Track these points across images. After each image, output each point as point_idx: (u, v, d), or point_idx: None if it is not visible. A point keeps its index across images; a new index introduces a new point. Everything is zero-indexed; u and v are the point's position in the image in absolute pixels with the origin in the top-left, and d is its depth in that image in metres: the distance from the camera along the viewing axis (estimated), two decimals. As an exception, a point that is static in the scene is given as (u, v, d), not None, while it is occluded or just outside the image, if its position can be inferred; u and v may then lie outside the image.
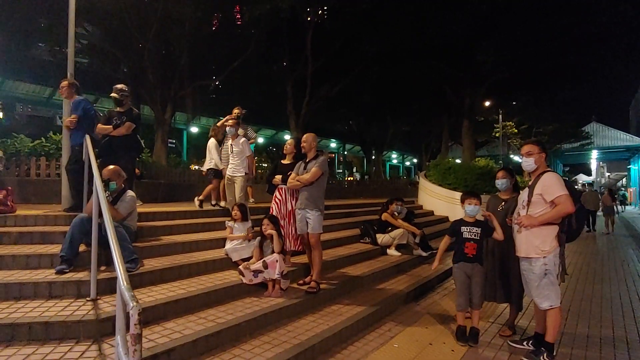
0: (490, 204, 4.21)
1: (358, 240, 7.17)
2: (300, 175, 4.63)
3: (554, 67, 19.46)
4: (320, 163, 4.59)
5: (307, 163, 4.67)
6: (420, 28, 17.18)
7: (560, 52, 18.60)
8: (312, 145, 4.69)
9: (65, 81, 5.43)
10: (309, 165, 4.63)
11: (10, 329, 2.89)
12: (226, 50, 16.88)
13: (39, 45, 16.67)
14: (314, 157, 4.67)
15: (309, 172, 4.55)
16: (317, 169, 4.53)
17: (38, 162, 7.83)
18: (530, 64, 18.98)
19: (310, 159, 4.67)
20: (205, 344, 3.09)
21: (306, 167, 4.64)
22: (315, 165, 4.56)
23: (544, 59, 18.86)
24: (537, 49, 18.23)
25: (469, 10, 16.90)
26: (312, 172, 4.52)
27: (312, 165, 4.59)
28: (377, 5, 16.71)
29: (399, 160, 52.75)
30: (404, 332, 4.09)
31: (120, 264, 1.98)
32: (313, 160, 4.64)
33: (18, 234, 4.49)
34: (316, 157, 4.65)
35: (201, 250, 5.01)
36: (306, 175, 4.55)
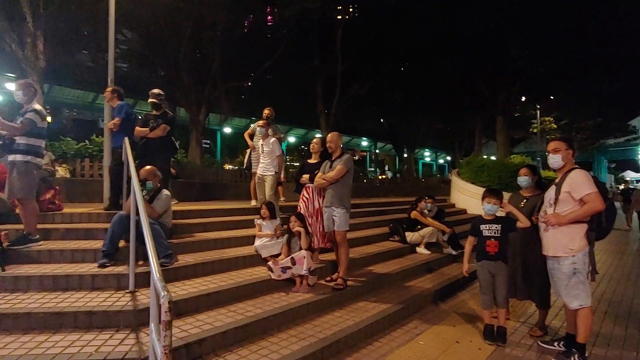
0: (511, 201, 4.14)
1: (387, 238, 7.18)
2: (326, 174, 4.71)
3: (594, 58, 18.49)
4: (345, 161, 4.65)
5: (332, 162, 4.75)
6: (451, 23, 16.85)
7: (600, 42, 17.67)
8: (337, 144, 4.76)
9: (109, 87, 5.77)
10: (334, 163, 4.71)
11: (58, 317, 3.14)
12: (257, 52, 17.20)
13: (83, 53, 17.56)
14: (339, 155, 4.74)
15: (334, 170, 4.63)
16: (342, 166, 4.60)
17: (82, 163, 8.32)
18: (568, 56, 18.13)
19: (336, 158, 4.74)
20: (234, 335, 3.23)
21: (332, 166, 4.72)
22: (340, 163, 4.63)
23: (583, 50, 17.96)
24: (575, 41, 17.40)
25: (500, 2, 16.38)
26: (337, 169, 4.59)
27: (337, 164, 4.66)
28: (406, 2, 16.52)
29: (431, 158, 51.91)
30: (430, 330, 4.10)
31: (154, 258, 2.13)
32: (338, 158, 4.71)
33: (65, 230, 4.84)
34: (341, 156, 4.72)
35: (232, 247, 5.20)
36: (331, 173, 4.62)
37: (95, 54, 16.78)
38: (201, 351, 2.99)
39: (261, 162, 6.29)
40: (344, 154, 4.75)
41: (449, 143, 36.73)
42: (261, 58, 17.25)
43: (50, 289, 3.68)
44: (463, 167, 13.33)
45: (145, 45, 15.79)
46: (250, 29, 18.00)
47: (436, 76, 20.32)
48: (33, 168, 4.39)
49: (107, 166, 5.79)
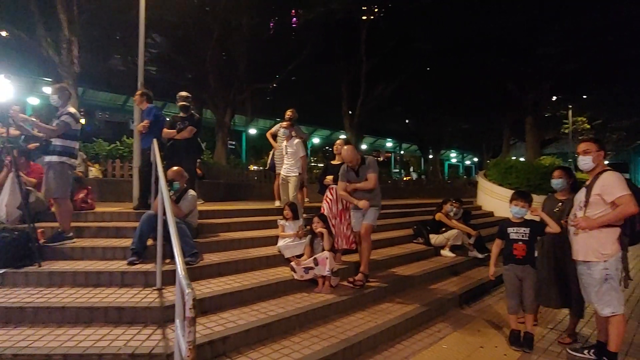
0: (545, 205, 4.03)
1: (411, 240, 7.12)
2: (355, 184, 4.70)
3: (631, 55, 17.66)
4: (374, 166, 4.68)
5: (356, 170, 4.72)
6: (478, 21, 16.49)
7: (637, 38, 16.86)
8: (356, 157, 4.71)
9: (138, 91, 5.96)
10: (360, 171, 4.69)
11: (90, 311, 3.27)
12: (282, 54, 17.34)
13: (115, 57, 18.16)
14: (361, 161, 4.71)
15: (368, 181, 4.63)
16: (375, 174, 4.64)
17: (113, 163, 8.61)
18: (603, 53, 17.38)
19: (359, 165, 4.72)
20: (257, 334, 3.28)
21: (358, 174, 4.70)
22: (370, 171, 4.64)
23: (619, 47, 17.19)
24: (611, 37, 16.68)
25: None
26: (372, 179, 4.63)
27: (365, 171, 4.65)
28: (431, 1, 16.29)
29: (458, 159, 50.98)
30: (454, 334, 4.04)
31: (179, 256, 2.20)
32: (363, 165, 4.68)
33: (97, 228, 5.03)
34: (364, 162, 4.69)
35: (256, 247, 5.27)
36: (368, 184, 4.64)
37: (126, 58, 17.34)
38: (225, 348, 3.05)
39: (285, 163, 6.35)
40: (366, 159, 4.71)
41: (476, 144, 35.93)
42: (286, 60, 17.38)
43: (82, 284, 3.83)
44: (490, 169, 13.05)
45: (174, 49, 16.20)
46: (276, 31, 18.17)
47: (463, 76, 19.91)
48: (68, 168, 4.58)
49: (137, 167, 5.98)
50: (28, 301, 3.37)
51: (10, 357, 2.70)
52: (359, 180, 4.72)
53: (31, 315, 3.24)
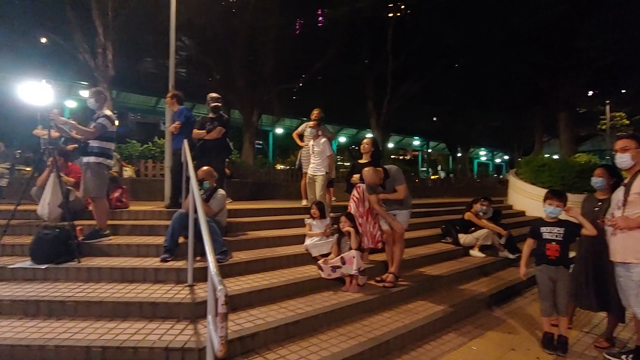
0: (585, 205, 3.89)
1: (439, 240, 7.02)
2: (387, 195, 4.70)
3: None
4: (401, 178, 4.65)
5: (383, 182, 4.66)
6: (509, 15, 16.01)
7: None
8: (378, 178, 4.60)
9: (169, 92, 6.14)
10: (387, 184, 4.66)
11: (126, 306, 3.41)
12: (308, 54, 17.43)
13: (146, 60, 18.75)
14: (385, 175, 4.65)
15: (398, 192, 4.63)
16: (403, 185, 4.63)
17: (146, 164, 8.90)
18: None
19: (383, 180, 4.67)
20: (285, 331, 3.33)
21: (385, 186, 4.67)
22: (398, 183, 4.62)
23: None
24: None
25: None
26: (401, 190, 4.62)
27: (392, 184, 4.63)
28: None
29: (488, 157, 49.81)
30: (484, 336, 3.97)
31: (211, 253, 2.26)
32: (387, 178, 4.64)
33: (131, 226, 5.22)
34: (387, 174, 4.64)
35: (283, 246, 5.33)
36: (398, 196, 4.64)
37: (157, 61, 17.89)
38: (254, 345, 3.11)
39: (312, 162, 6.38)
40: (389, 171, 4.67)
41: (506, 141, 35.02)
42: (312, 59, 17.46)
43: (118, 280, 3.99)
44: (522, 167, 12.70)
45: (202, 51, 16.55)
46: (301, 31, 18.29)
47: (492, 71, 19.44)
48: (104, 169, 4.78)
49: (168, 166, 6.15)
50: (69, 295, 3.54)
51: (52, 348, 2.85)
52: (386, 191, 4.71)
53: (72, 309, 3.40)
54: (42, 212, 4.94)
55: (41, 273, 4.03)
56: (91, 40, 11.87)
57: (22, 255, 4.37)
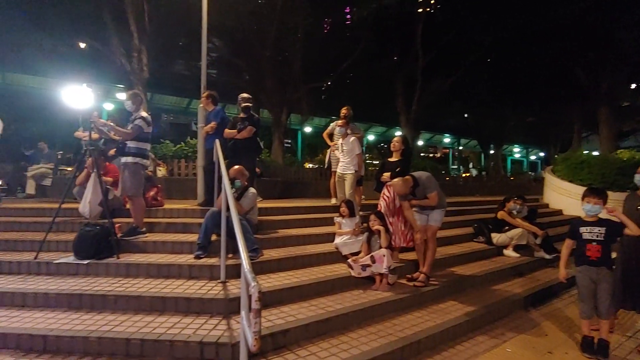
0: (627, 203, 3.73)
1: (471, 239, 6.88)
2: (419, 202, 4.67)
3: None
4: (431, 185, 4.58)
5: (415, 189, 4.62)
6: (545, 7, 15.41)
7: None
8: (407, 188, 4.57)
9: (205, 92, 6.29)
10: (417, 192, 4.61)
11: (162, 301, 3.53)
12: (336, 52, 17.40)
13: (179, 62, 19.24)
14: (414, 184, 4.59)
15: (429, 200, 4.58)
16: (434, 192, 4.57)
17: (179, 163, 9.15)
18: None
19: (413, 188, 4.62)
20: (316, 328, 3.36)
21: (415, 194, 4.63)
22: (429, 191, 4.57)
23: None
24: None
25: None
26: (433, 198, 4.57)
27: (422, 192, 4.59)
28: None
29: (522, 155, 48.19)
30: (519, 338, 3.87)
31: (244, 251, 2.31)
32: (417, 187, 4.59)
33: (166, 224, 5.39)
34: (418, 183, 4.58)
35: (313, 244, 5.36)
36: (430, 203, 4.61)
37: (189, 63, 18.32)
38: (285, 341, 3.16)
39: (341, 161, 6.38)
40: (418, 180, 4.59)
41: (542, 138, 33.65)
42: (340, 58, 17.41)
43: (154, 275, 4.14)
44: (559, 164, 12.23)
45: (232, 52, 16.85)
46: (330, 30, 18.29)
47: (527, 66, 18.78)
48: (141, 168, 4.96)
49: (201, 166, 6.31)
50: (109, 290, 3.70)
51: (95, 340, 2.99)
52: (417, 198, 4.66)
53: (112, 302, 3.56)
54: (83, 210, 5.17)
55: (83, 268, 4.23)
56: (127, 45, 12.31)
57: (66, 251, 4.60)
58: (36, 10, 12.81)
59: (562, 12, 15.46)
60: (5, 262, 4.37)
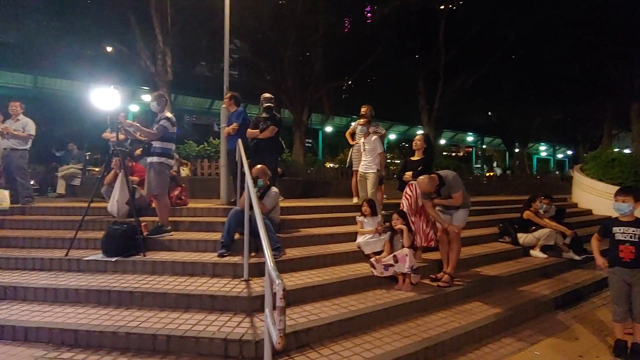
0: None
1: (496, 239, 6.74)
2: (442, 201, 4.60)
3: None
4: (457, 185, 4.50)
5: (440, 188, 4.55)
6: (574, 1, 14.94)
7: None
8: (433, 186, 4.49)
9: (227, 93, 6.37)
10: (442, 191, 4.54)
11: (187, 298, 3.59)
12: (357, 51, 17.35)
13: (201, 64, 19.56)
14: (440, 182, 4.52)
15: (454, 199, 4.51)
16: (459, 192, 4.49)
17: (202, 163, 9.30)
18: None
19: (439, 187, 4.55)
20: (338, 327, 3.35)
21: (440, 193, 4.56)
22: (454, 190, 4.49)
23: None
24: None
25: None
26: (457, 198, 4.50)
27: (447, 191, 4.51)
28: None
29: (548, 153, 46.92)
30: (547, 341, 3.76)
31: (268, 249, 2.32)
32: (443, 186, 4.51)
33: (190, 223, 5.48)
34: (443, 182, 4.50)
35: (335, 243, 5.35)
36: (453, 203, 4.53)
37: (211, 64, 18.60)
38: (308, 339, 3.16)
39: (363, 160, 6.35)
40: (444, 179, 4.51)
41: (569, 135, 32.67)
42: (361, 57, 17.34)
43: (179, 273, 4.21)
44: (588, 162, 11.86)
45: (254, 52, 17.01)
46: (350, 29, 18.24)
47: (554, 62, 18.24)
48: (166, 168, 5.05)
49: (224, 165, 6.38)
50: (136, 286, 3.79)
51: (123, 335, 3.06)
52: (441, 198, 4.59)
53: (139, 299, 3.64)
54: (111, 209, 5.32)
55: (111, 265, 4.35)
56: (152, 48, 12.59)
57: (95, 249, 4.74)
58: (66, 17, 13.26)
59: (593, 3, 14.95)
60: (38, 259, 4.54)
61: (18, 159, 6.66)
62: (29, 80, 20.23)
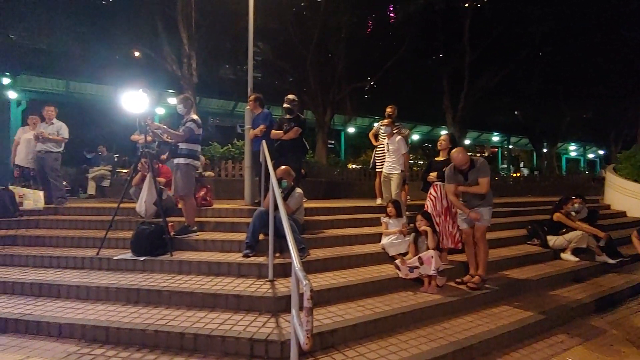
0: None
1: (524, 241, 6.56)
2: (467, 188, 4.50)
3: None
4: (486, 170, 4.42)
5: (466, 173, 4.48)
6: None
7: None
8: (466, 159, 4.42)
9: (252, 96, 6.43)
10: (470, 175, 4.46)
11: (214, 297, 3.64)
12: (380, 51, 17.29)
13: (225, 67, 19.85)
14: (470, 164, 4.46)
15: (480, 186, 4.40)
16: (487, 178, 4.40)
17: (226, 164, 9.41)
18: None
19: (467, 169, 4.47)
20: (363, 329, 3.33)
21: (467, 178, 4.48)
22: (482, 175, 4.40)
23: None
24: None
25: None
26: (484, 184, 4.39)
27: (475, 175, 4.42)
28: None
29: (578, 153, 45.44)
30: (581, 347, 3.63)
31: (294, 249, 2.33)
32: (472, 168, 4.44)
33: (215, 223, 5.55)
34: (473, 164, 4.44)
35: (359, 244, 5.32)
36: (480, 189, 4.42)
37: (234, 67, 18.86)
38: (333, 341, 3.16)
39: (387, 160, 6.30)
40: (475, 162, 4.45)
41: (601, 135, 31.49)
42: (384, 57, 17.25)
43: (205, 273, 4.27)
44: (622, 162, 11.43)
45: (276, 54, 17.14)
46: (373, 29, 18.15)
47: (584, 58, 17.65)
48: (192, 169, 5.14)
49: (248, 167, 6.45)
50: (164, 285, 3.87)
51: (152, 333, 3.13)
52: (467, 184, 4.49)
53: (167, 297, 3.71)
54: (140, 209, 5.45)
55: (140, 264, 4.45)
56: (177, 52, 12.87)
57: (124, 248, 4.86)
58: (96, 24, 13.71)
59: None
60: (71, 258, 4.69)
61: (52, 161, 6.91)
62: (62, 85, 21.00)
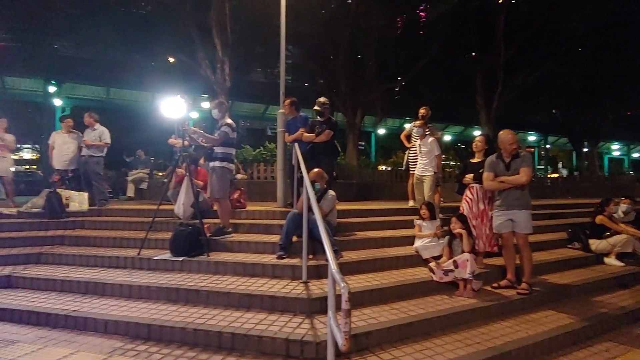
0: None
1: (564, 245, 6.34)
2: (506, 177, 4.36)
3: None
4: (529, 162, 4.31)
5: (508, 162, 4.39)
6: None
7: None
8: (515, 143, 4.34)
9: (287, 99, 6.53)
10: (512, 165, 4.35)
11: (249, 298, 3.72)
12: (411, 51, 17.03)
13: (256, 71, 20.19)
14: (514, 154, 4.36)
15: (521, 174, 4.26)
16: (529, 168, 4.28)
17: (258, 167, 9.58)
18: None
19: (511, 158, 4.38)
20: (398, 332, 3.31)
21: (509, 168, 4.37)
22: (525, 164, 4.27)
23: None
24: None
25: None
26: (526, 172, 4.25)
27: (519, 165, 4.30)
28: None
29: (622, 152, 43.25)
30: (627, 356, 3.48)
31: (330, 251, 2.36)
32: (516, 158, 4.33)
33: (249, 225, 5.67)
34: (518, 155, 4.34)
35: (392, 247, 5.29)
36: (520, 178, 4.27)
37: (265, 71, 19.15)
38: (367, 343, 3.16)
39: (419, 162, 6.24)
40: (520, 153, 4.35)
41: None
42: (415, 57, 17.01)
43: (240, 273, 4.37)
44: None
45: (307, 57, 17.26)
46: (404, 29, 17.95)
47: (629, 53, 16.80)
48: (227, 172, 5.28)
49: (280, 169, 6.53)
50: (201, 285, 3.99)
51: (192, 331, 3.24)
52: (508, 174, 4.37)
53: (204, 297, 3.83)
54: (178, 211, 5.63)
55: (178, 264, 4.60)
56: (211, 57, 13.22)
57: (163, 249, 5.04)
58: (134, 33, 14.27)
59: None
60: (114, 257, 4.92)
61: (95, 165, 7.26)
62: (102, 92, 21.97)
